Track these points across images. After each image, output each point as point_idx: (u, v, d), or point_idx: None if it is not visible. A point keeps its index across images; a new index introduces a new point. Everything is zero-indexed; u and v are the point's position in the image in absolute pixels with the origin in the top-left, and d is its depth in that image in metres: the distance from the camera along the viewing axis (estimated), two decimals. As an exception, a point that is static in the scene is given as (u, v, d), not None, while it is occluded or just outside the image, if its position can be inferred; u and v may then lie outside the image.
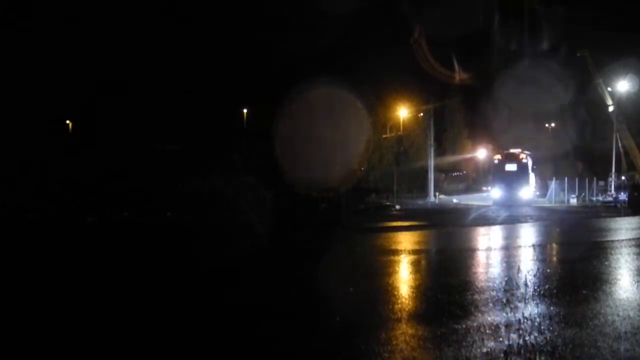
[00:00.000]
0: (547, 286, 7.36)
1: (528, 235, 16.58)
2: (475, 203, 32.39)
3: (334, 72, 29.17)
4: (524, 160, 33.32)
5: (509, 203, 30.11)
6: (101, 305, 6.57)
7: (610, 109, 38.40)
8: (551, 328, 5.30)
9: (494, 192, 33.21)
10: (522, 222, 20.37)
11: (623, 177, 36.76)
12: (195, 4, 41.53)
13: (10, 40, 27.20)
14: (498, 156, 34.41)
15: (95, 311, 6.31)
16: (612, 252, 11.32)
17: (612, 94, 38.33)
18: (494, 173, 34.26)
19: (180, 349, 4.94)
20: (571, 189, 35.56)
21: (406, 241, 14.29)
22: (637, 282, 8.19)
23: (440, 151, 43.12)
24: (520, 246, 13.53)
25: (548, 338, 4.98)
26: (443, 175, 47.99)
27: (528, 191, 32.78)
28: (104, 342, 5.20)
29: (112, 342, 5.18)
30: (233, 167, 24.76)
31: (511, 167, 33.03)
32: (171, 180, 23.35)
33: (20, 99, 26.82)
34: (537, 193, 34.81)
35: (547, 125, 46.49)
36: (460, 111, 48.12)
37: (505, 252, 12.27)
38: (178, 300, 6.83)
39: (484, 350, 4.67)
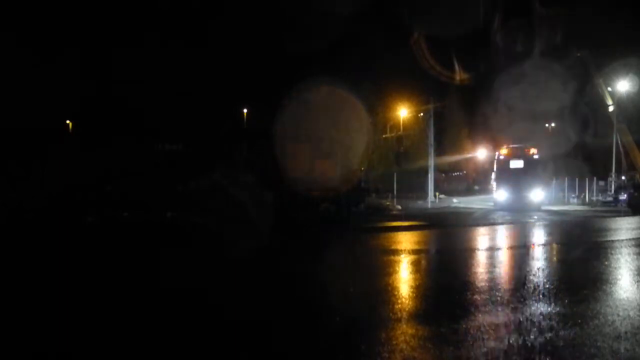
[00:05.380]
0: (547, 286, 7.37)
1: (528, 235, 16.57)
2: (476, 205, 31.14)
3: (334, 72, 29.20)
4: (535, 157, 28.55)
5: (515, 207, 26.26)
6: (100, 305, 6.57)
7: (611, 109, 38.46)
8: (551, 328, 5.30)
9: (499, 194, 28.51)
10: (521, 221, 20.37)
11: (623, 177, 36.77)
12: (196, 4, 41.54)
13: (11, 40, 27.20)
14: (503, 151, 29.50)
15: (94, 311, 6.31)
16: (613, 251, 11.33)
17: (612, 94, 38.38)
18: (498, 171, 29.51)
19: (179, 347, 4.94)
20: (571, 189, 35.55)
21: (406, 241, 14.29)
22: (637, 282, 8.18)
23: (440, 151, 43.11)
24: (520, 246, 13.53)
25: (548, 338, 4.98)
26: (443, 175, 48.03)
27: (538, 193, 28.02)
28: (101, 341, 5.20)
29: (110, 342, 5.19)
30: (233, 166, 24.69)
31: (518, 164, 28.41)
32: (171, 180, 23.33)
33: (21, 99, 26.83)
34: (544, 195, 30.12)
35: (547, 125, 46.50)
36: (460, 111, 48.17)
37: (505, 252, 12.27)
38: (177, 300, 6.83)
39: (484, 350, 4.67)
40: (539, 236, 16.27)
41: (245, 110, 44.85)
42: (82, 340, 5.22)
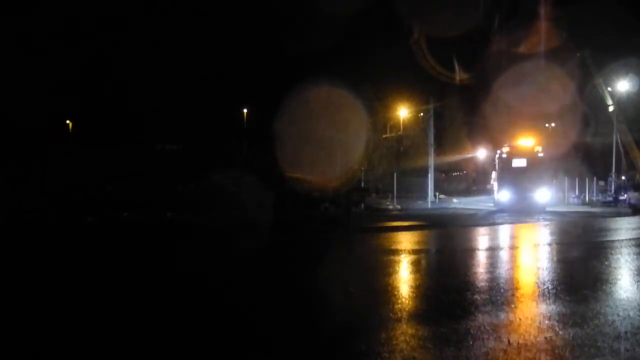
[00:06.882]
0: (548, 286, 7.36)
1: (528, 235, 16.57)
2: (477, 206, 30.27)
3: (334, 72, 29.21)
4: (539, 155, 26.81)
5: (518, 208, 24.74)
6: (99, 305, 6.57)
7: (611, 109, 38.42)
8: (551, 328, 5.30)
9: (501, 194, 26.87)
10: (522, 222, 20.36)
11: (623, 177, 36.72)
12: (196, 4, 41.58)
13: (11, 39, 27.23)
14: (505, 149, 27.53)
15: (94, 311, 6.31)
16: (613, 251, 11.33)
17: (612, 94, 38.35)
18: (499, 171, 27.72)
19: (177, 348, 4.94)
20: (571, 189, 35.54)
21: (406, 241, 14.29)
22: (637, 282, 8.18)
23: (440, 151, 43.08)
24: (520, 246, 13.52)
25: (548, 338, 4.98)
26: (443, 175, 48.00)
27: (544, 193, 26.40)
28: (101, 341, 5.20)
29: (109, 342, 5.18)
30: (233, 167, 24.74)
31: (522, 162, 26.72)
32: (171, 180, 23.37)
33: (21, 99, 26.86)
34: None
35: (546, 125, 46.42)
36: (460, 111, 48.14)
37: (506, 252, 12.26)
38: (176, 300, 6.83)
39: (484, 350, 4.66)
40: (539, 236, 16.25)
41: (245, 110, 44.90)
42: (82, 339, 5.21)
